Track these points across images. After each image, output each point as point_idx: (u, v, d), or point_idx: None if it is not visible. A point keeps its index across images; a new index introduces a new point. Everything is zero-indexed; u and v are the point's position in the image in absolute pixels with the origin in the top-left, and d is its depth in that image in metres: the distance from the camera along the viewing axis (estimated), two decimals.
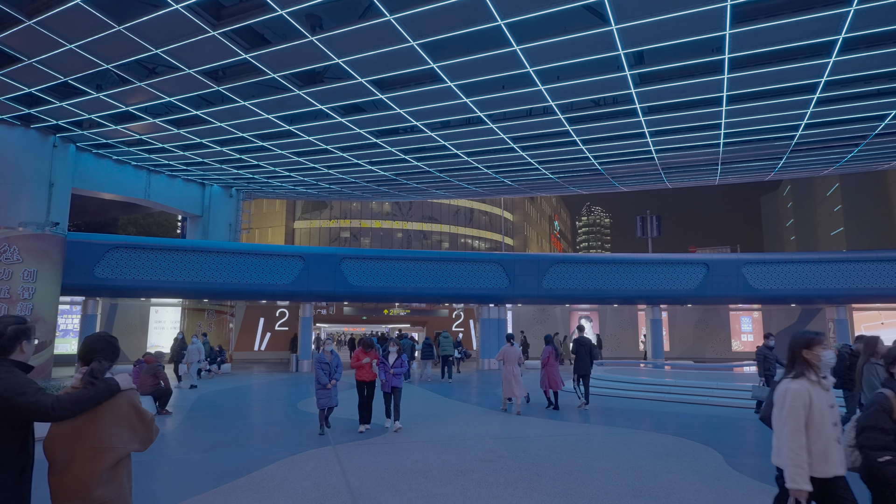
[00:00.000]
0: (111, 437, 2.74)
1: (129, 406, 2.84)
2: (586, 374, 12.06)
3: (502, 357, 11.58)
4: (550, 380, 11.76)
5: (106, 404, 2.75)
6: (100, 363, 2.82)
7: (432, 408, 12.37)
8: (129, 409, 2.83)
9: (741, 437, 9.14)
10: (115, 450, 2.75)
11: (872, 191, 78.88)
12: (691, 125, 16.74)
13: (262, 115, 16.95)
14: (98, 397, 2.71)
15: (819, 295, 25.17)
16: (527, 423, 10.36)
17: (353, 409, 10.57)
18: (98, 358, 2.85)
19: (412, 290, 24.19)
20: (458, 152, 20.00)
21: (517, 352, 11.54)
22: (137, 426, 2.85)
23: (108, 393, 2.74)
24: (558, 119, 16.38)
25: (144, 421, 2.89)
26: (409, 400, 13.46)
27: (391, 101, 15.48)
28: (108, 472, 2.72)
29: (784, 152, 19.42)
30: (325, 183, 25.96)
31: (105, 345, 2.93)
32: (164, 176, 25.82)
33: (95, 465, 2.69)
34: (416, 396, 14.29)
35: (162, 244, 22.31)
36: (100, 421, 2.73)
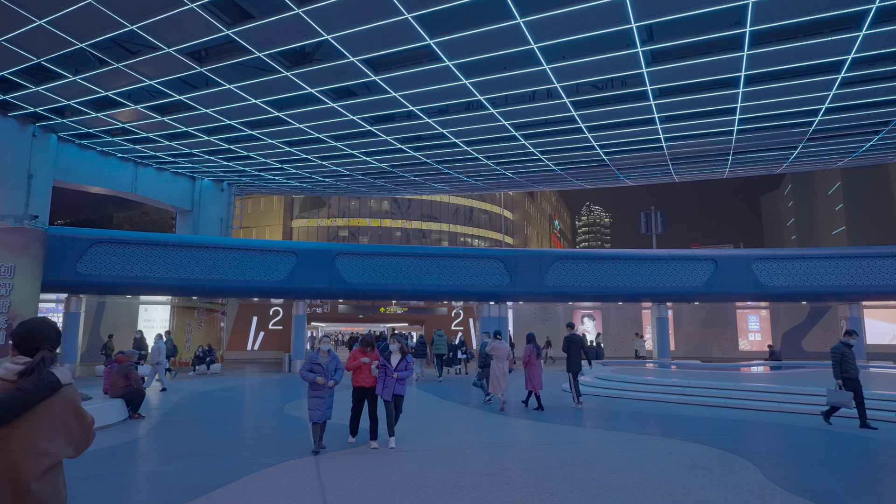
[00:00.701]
0: (45, 441, 2.33)
1: (69, 405, 2.45)
2: (577, 372, 11.86)
3: (493, 351, 11.50)
4: (534, 379, 11.42)
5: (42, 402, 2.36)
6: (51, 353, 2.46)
7: (427, 411, 11.40)
8: (68, 408, 2.44)
9: (771, 445, 8.18)
10: (48, 455, 2.33)
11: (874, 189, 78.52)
12: (705, 109, 15.78)
13: (250, 100, 15.99)
14: (37, 396, 2.32)
15: (831, 292, 24.27)
16: (531, 429, 9.41)
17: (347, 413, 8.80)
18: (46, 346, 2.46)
19: (409, 288, 23.26)
20: (457, 141, 19.04)
21: (507, 348, 11.31)
22: (75, 429, 2.46)
23: (48, 390, 2.35)
24: (563, 103, 15.42)
25: (83, 424, 2.50)
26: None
27: (385, 84, 14.52)
28: (40, 482, 2.28)
29: (800, 141, 18.46)
30: (319, 176, 25.00)
31: (53, 332, 2.54)
32: (151, 168, 24.85)
33: (24, 473, 2.26)
34: (410, 398, 13.33)
35: (148, 239, 21.36)
36: (33, 420, 2.32)
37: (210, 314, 26.47)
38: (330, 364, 7.71)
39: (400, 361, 8.05)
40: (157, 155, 22.60)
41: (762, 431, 9.27)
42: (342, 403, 10.39)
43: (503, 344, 11.48)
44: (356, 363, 8.03)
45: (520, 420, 10.37)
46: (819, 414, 10.49)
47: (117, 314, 28.52)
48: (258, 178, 26.13)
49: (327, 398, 7.57)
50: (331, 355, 7.75)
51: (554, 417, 10.68)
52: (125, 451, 7.82)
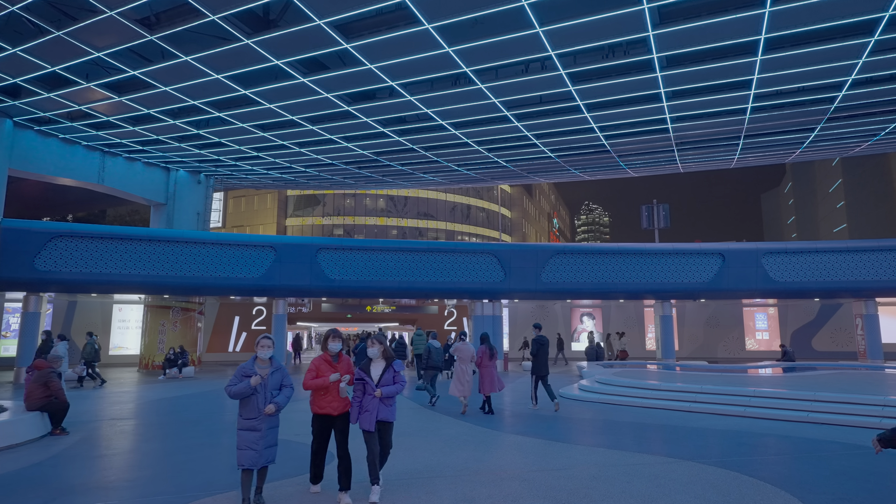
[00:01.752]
0: None
1: None
2: (545, 375, 11.36)
3: (456, 352, 10.96)
4: (485, 382, 10.81)
5: None
6: None
7: (399, 423, 9.82)
8: None
9: (813, 471, 6.60)
10: None
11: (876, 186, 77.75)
12: (717, 82, 14.18)
13: (211, 75, 14.40)
14: None
15: (846, 287, 22.77)
16: (516, 449, 7.82)
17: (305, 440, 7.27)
18: None
19: (397, 285, 21.72)
20: (444, 123, 17.45)
21: (472, 350, 10.91)
22: None
23: None
24: (559, 76, 13.84)
25: None
26: None
27: (359, 53, 12.93)
28: None
29: (819, 121, 16.88)
30: (299, 165, 23.41)
31: None
32: (121, 158, 23.25)
33: None
34: None
35: (113, 233, 19.80)
36: None
37: (186, 314, 24.89)
38: (271, 379, 5.22)
39: (385, 372, 5.54)
40: (124, 143, 21.00)
41: (795, 450, 7.69)
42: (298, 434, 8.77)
43: (467, 345, 11.02)
44: (318, 381, 5.40)
45: (503, 435, 8.79)
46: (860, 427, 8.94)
47: (89, 314, 26.97)
48: (235, 169, 24.54)
49: (266, 431, 5.14)
50: (274, 365, 5.31)
51: (544, 430, 9.11)
52: (11, 481, 6.24)
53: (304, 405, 8.84)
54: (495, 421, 10.17)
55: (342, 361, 5.59)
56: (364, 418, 5.43)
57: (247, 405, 5.15)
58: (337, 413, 5.48)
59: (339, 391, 5.44)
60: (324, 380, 5.38)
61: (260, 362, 5.30)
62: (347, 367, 5.58)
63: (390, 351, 5.72)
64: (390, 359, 5.64)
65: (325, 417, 5.49)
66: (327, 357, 5.56)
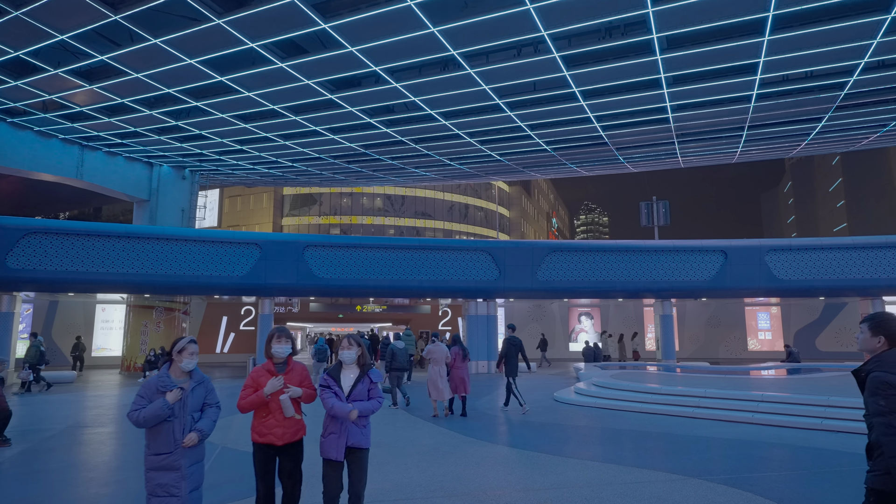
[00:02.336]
0: None
1: None
2: (514, 377, 11.20)
3: (429, 355, 10.72)
4: (457, 384, 10.65)
5: None
6: None
7: (376, 432, 8.97)
8: None
9: (839, 488, 5.76)
10: None
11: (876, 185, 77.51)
12: (721, 66, 13.34)
13: (184, 60, 13.56)
14: None
15: (852, 286, 21.96)
16: (501, 462, 6.98)
17: None
18: None
19: (388, 284, 20.90)
20: (433, 113, 16.61)
21: (445, 351, 10.67)
22: None
23: None
24: (552, 60, 13.00)
25: None
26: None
27: (339, 35, 12.09)
28: None
29: (827, 110, 16.04)
30: (285, 160, 22.57)
31: None
32: (101, 153, 22.41)
33: None
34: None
35: (90, 229, 18.94)
36: None
37: (169, 314, 24.06)
38: (192, 396, 3.82)
39: (359, 383, 4.21)
40: (102, 135, 20.16)
41: (812, 463, 6.85)
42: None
43: (440, 346, 10.73)
44: (254, 398, 4.06)
45: (487, 447, 7.95)
46: None
47: (71, 315, 26.14)
48: (220, 164, 23.70)
49: (188, 469, 3.74)
50: (195, 378, 3.89)
51: (533, 440, 8.27)
52: None
53: None
54: (480, 429, 9.33)
55: (293, 371, 4.20)
56: (328, 443, 4.03)
57: (158, 435, 3.70)
58: (282, 442, 4.04)
59: (283, 410, 4.04)
60: (258, 395, 4.03)
61: (175, 372, 3.84)
62: (300, 378, 4.22)
63: (368, 357, 4.38)
64: (366, 366, 4.28)
65: (267, 449, 4.08)
66: (270, 366, 4.18)
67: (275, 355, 4.20)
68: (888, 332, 2.76)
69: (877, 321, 2.79)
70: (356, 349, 4.28)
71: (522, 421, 10.22)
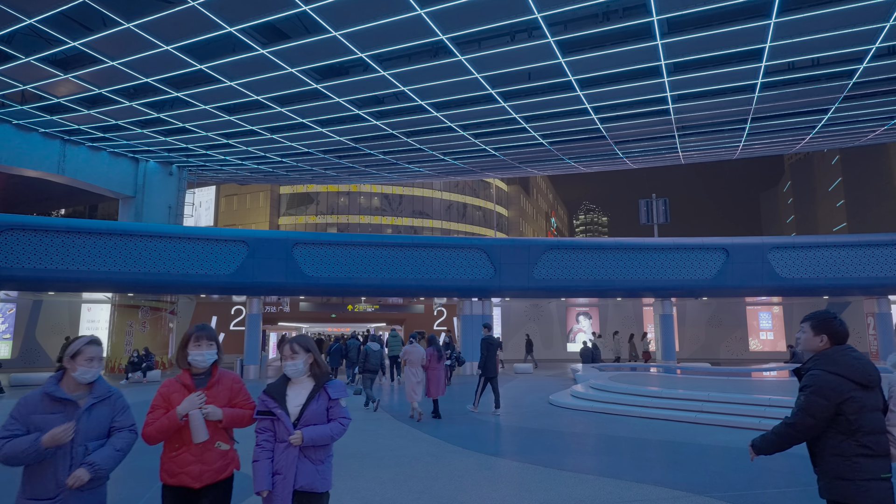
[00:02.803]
0: None
1: None
2: (494, 377, 11.03)
3: (406, 356, 10.52)
4: (432, 385, 10.52)
5: None
6: None
7: (355, 438, 8.30)
8: None
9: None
10: None
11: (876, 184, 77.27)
12: (725, 52, 12.67)
13: (161, 46, 12.90)
14: None
15: (857, 284, 21.35)
16: (488, 476, 6.33)
17: None
18: None
19: (380, 283, 20.26)
20: (424, 103, 15.94)
21: (421, 352, 10.46)
22: None
23: None
24: (547, 45, 12.34)
25: None
26: None
27: (319, 17, 11.43)
28: None
29: (834, 100, 15.39)
30: (274, 154, 21.90)
31: None
32: (84, 147, 21.73)
33: None
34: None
35: (70, 226, 18.30)
36: None
37: (155, 313, 23.42)
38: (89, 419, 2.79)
39: (312, 400, 3.09)
40: (83, 129, 19.49)
41: None
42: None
43: (417, 348, 10.50)
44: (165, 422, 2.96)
45: (473, 457, 7.29)
46: None
47: (56, 314, 25.45)
48: (208, 159, 23.03)
49: None
50: (97, 393, 2.87)
51: (525, 449, 7.62)
52: None
53: None
54: (468, 436, 8.67)
55: (219, 384, 3.08)
56: (273, 486, 2.94)
57: (34, 474, 2.69)
58: (201, 484, 2.95)
59: (192, 434, 2.93)
60: (169, 417, 2.91)
61: (71, 389, 2.78)
62: (230, 393, 3.10)
63: (324, 365, 3.21)
64: (323, 377, 3.13)
65: (181, 494, 2.97)
66: (187, 377, 3.04)
67: (192, 364, 3.05)
68: (830, 330, 2.71)
69: (818, 320, 2.75)
70: (303, 356, 3.11)
71: (514, 427, 9.58)
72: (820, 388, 2.54)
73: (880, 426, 2.56)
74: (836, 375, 2.56)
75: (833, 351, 2.66)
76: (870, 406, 2.54)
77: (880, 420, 2.57)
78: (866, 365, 2.60)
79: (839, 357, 2.62)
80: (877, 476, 2.50)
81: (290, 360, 3.14)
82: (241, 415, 3.11)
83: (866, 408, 2.52)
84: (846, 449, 2.52)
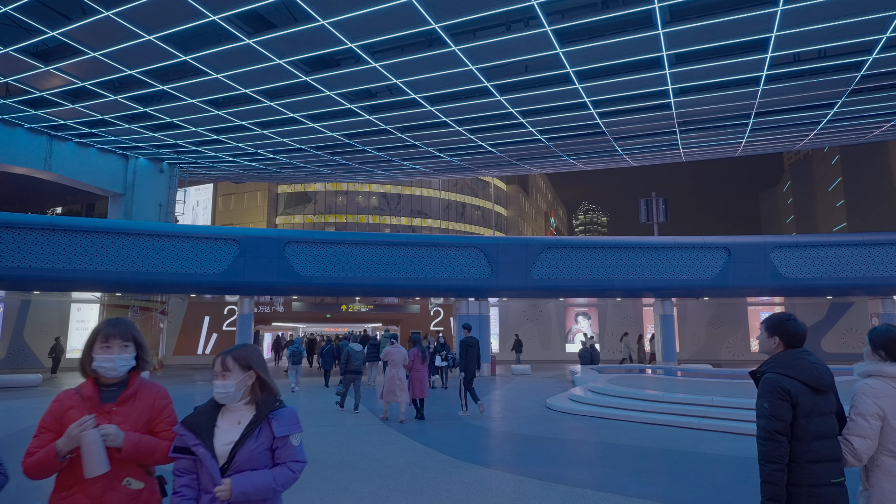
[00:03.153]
0: None
1: None
2: (470, 379, 10.88)
3: (387, 358, 10.29)
4: (415, 387, 10.42)
5: None
6: None
7: (322, 437, 7.81)
8: None
9: None
10: None
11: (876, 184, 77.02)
12: (729, 42, 12.20)
13: (143, 36, 12.40)
14: None
15: (862, 284, 20.91)
16: (476, 493, 5.83)
17: None
18: None
19: (374, 282, 19.80)
20: (417, 97, 15.45)
21: (403, 353, 10.35)
22: None
23: None
24: (544, 35, 11.85)
25: None
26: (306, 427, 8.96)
27: (307, 5, 10.94)
28: None
29: (842, 94, 14.91)
30: (266, 151, 21.40)
31: None
32: (71, 144, 21.23)
33: None
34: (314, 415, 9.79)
35: (55, 223, 17.88)
36: None
37: (145, 313, 22.94)
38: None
39: (246, 438, 2.19)
40: (68, 124, 18.99)
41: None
42: None
43: (398, 348, 10.37)
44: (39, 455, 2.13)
45: (462, 467, 6.81)
46: None
47: (45, 314, 24.94)
48: (199, 155, 22.53)
49: None
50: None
51: (520, 458, 7.13)
52: None
53: None
54: (460, 444, 8.18)
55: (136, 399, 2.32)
56: None
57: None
58: None
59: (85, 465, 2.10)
60: (48, 451, 2.12)
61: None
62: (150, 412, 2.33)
63: (272, 387, 2.32)
64: (267, 404, 2.27)
65: None
66: (91, 389, 2.28)
67: (98, 371, 2.27)
68: (782, 332, 2.68)
69: (771, 322, 2.71)
70: (237, 375, 2.24)
71: (509, 433, 9.10)
72: (775, 391, 2.51)
73: (831, 431, 2.50)
74: (788, 378, 2.52)
75: (786, 354, 2.62)
76: (820, 410, 2.49)
77: (831, 425, 2.52)
78: (820, 368, 2.55)
79: (792, 360, 2.58)
80: (826, 482, 2.46)
81: (219, 380, 2.24)
82: (155, 446, 2.25)
83: (816, 412, 2.48)
84: (797, 454, 2.47)
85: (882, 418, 2.49)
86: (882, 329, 2.66)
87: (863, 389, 2.56)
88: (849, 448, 2.54)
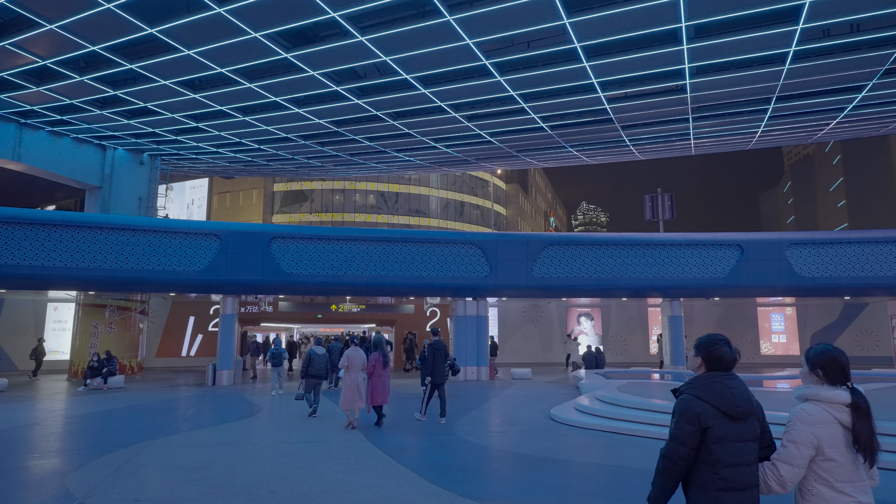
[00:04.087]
0: None
1: None
2: (442, 384, 10.52)
3: (346, 363, 9.82)
4: (377, 392, 9.96)
5: None
6: None
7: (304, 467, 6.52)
8: None
9: None
10: None
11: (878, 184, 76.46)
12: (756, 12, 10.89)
13: (101, 5, 11.12)
14: None
15: (881, 284, 19.75)
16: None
17: None
18: None
19: (365, 280, 18.56)
20: (409, 77, 14.15)
21: (362, 357, 10.02)
22: None
23: None
24: (551, 2, 10.58)
25: None
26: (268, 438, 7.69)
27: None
28: None
29: (874, 74, 13.62)
30: (250, 141, 20.10)
31: None
32: (43, 133, 19.92)
33: None
34: (250, 428, 8.52)
35: (19, 216, 16.53)
36: None
37: (123, 313, 21.64)
38: None
39: None
40: (37, 110, 17.68)
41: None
42: None
43: (358, 352, 9.99)
44: None
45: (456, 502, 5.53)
46: None
47: (20, 314, 23.63)
48: (180, 146, 21.23)
49: None
50: None
51: (521, 492, 5.85)
52: None
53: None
54: (454, 467, 6.88)
55: None
56: None
57: None
58: None
59: None
60: None
61: None
62: None
63: None
64: None
65: None
66: None
67: None
68: (706, 354, 2.58)
69: (701, 342, 2.63)
70: None
71: (509, 453, 7.82)
72: (684, 413, 2.44)
73: (744, 458, 2.40)
74: (701, 401, 2.44)
75: (705, 377, 2.54)
76: (732, 437, 2.40)
77: (745, 452, 2.40)
78: (737, 395, 2.45)
79: (709, 383, 2.49)
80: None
81: None
82: None
83: (728, 438, 2.40)
84: (707, 481, 2.39)
85: (816, 447, 2.36)
86: (819, 348, 2.55)
87: (798, 415, 2.41)
88: (774, 475, 2.42)
